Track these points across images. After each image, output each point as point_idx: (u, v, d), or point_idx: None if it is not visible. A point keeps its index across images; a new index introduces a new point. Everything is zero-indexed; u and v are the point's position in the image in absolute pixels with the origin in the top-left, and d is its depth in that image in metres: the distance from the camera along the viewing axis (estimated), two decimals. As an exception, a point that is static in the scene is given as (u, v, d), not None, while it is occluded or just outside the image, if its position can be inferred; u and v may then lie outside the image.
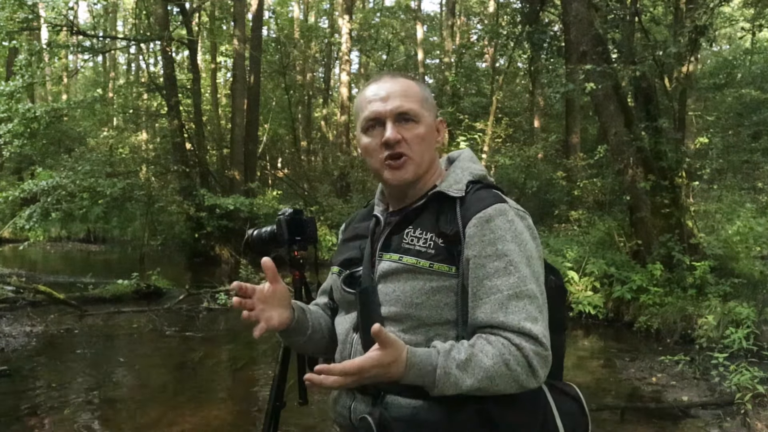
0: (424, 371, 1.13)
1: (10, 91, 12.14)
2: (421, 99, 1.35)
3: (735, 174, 13.75)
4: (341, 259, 1.43)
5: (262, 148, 20.55)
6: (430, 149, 1.35)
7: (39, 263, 15.92)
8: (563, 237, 10.51)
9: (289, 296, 1.39)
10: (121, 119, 22.99)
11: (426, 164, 1.34)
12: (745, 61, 19.76)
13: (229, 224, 14.51)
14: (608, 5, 8.40)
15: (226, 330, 7.97)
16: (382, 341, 1.10)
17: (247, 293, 1.29)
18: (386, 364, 1.11)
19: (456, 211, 1.26)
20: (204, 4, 18.67)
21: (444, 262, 1.23)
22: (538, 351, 1.16)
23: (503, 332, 1.16)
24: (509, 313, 1.17)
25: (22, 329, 7.32)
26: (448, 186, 1.31)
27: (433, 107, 1.39)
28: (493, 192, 1.30)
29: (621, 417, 4.63)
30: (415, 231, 1.28)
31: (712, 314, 6.70)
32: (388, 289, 1.26)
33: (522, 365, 1.14)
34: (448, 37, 21.24)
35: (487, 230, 1.22)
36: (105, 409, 4.82)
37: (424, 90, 1.38)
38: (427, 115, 1.34)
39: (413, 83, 1.37)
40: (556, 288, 1.38)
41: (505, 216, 1.24)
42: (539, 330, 1.16)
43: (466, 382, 1.13)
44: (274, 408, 2.05)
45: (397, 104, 1.31)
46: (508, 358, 1.14)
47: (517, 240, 1.23)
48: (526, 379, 1.15)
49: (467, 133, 15.30)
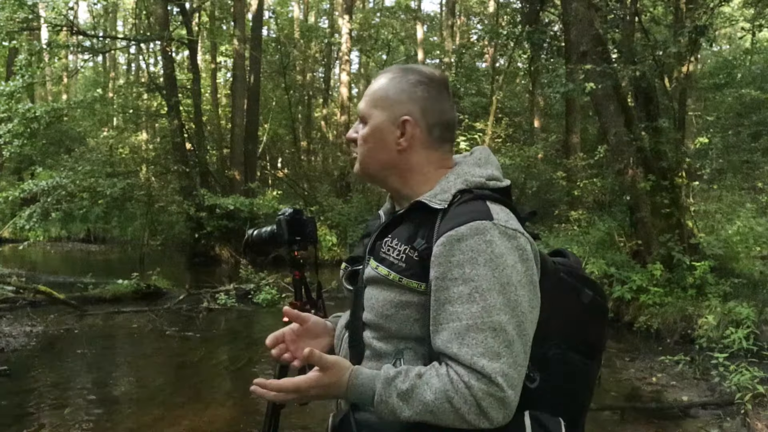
0: (364, 396, 1.12)
1: (10, 91, 12.13)
2: (374, 98, 1.28)
3: (735, 174, 13.73)
4: (350, 257, 1.42)
5: (262, 148, 20.55)
6: (375, 150, 1.27)
7: (39, 263, 15.91)
8: (563, 237, 10.50)
9: (324, 324, 1.41)
10: (121, 119, 22.98)
11: (369, 163, 1.29)
12: (745, 61, 19.75)
13: (229, 224, 14.51)
14: (608, 5, 8.41)
15: (226, 330, 7.98)
16: (320, 365, 1.12)
17: (278, 341, 1.34)
18: (325, 385, 1.13)
19: (435, 225, 1.16)
20: (204, 4, 18.67)
21: (413, 277, 1.16)
22: (491, 392, 1.05)
23: (455, 365, 1.07)
24: (463, 346, 1.07)
25: (22, 329, 7.32)
26: (433, 195, 1.21)
27: (396, 105, 1.26)
28: (480, 205, 1.16)
29: (621, 417, 4.64)
30: (392, 241, 1.21)
31: (712, 314, 6.70)
32: (369, 294, 1.23)
33: (469, 404, 1.05)
34: (448, 37, 21.26)
35: (456, 251, 1.10)
36: (105, 409, 4.82)
37: (390, 86, 1.27)
38: (376, 113, 1.27)
39: (382, 80, 1.29)
40: (592, 304, 1.25)
41: (481, 236, 1.10)
42: (497, 368, 1.05)
43: (404, 412, 1.09)
44: (274, 408, 2.05)
45: (359, 105, 1.32)
46: (452, 395, 1.06)
47: (492, 264, 1.09)
48: (476, 419, 1.06)
49: (467, 133, 15.32)
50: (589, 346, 1.24)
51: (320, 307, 2.21)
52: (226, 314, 8.74)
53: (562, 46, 10.69)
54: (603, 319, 1.30)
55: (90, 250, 19.30)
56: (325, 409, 3.56)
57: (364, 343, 1.24)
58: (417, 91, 1.26)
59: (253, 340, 7.27)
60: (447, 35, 21.49)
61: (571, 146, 14.77)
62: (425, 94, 1.27)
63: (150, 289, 9.70)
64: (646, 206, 8.03)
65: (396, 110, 1.26)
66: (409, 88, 1.27)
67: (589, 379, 1.24)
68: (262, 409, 2.17)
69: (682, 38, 7.98)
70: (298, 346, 1.34)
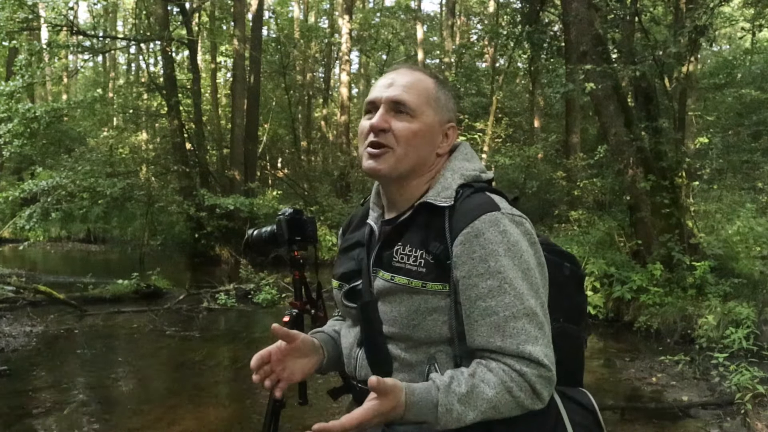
0: (425, 410, 1.08)
1: (10, 91, 12.13)
2: (427, 95, 1.26)
3: (735, 174, 13.73)
4: (340, 273, 1.36)
5: (262, 148, 20.55)
6: (421, 149, 1.24)
7: (39, 263, 15.91)
8: (563, 237, 10.49)
9: (312, 342, 1.35)
10: (121, 119, 22.98)
11: (408, 164, 1.23)
12: (745, 61, 19.74)
13: (229, 224, 14.51)
14: (608, 5, 8.40)
15: (226, 330, 7.98)
16: (380, 391, 1.05)
17: (264, 361, 1.27)
18: (386, 412, 1.07)
19: (444, 223, 1.17)
20: (204, 4, 18.67)
21: (437, 280, 1.16)
22: (541, 374, 1.10)
23: (502, 357, 1.11)
24: (507, 337, 1.10)
25: (22, 329, 7.32)
26: (436, 194, 1.22)
27: (445, 109, 1.29)
28: (485, 197, 1.19)
29: (621, 417, 4.64)
30: (404, 248, 1.20)
31: (712, 314, 6.69)
32: (386, 308, 1.21)
33: (525, 391, 1.09)
34: (448, 37, 21.26)
35: (477, 246, 1.13)
36: (105, 409, 4.82)
37: (439, 89, 1.28)
38: (429, 113, 1.25)
39: (427, 79, 1.28)
40: (572, 275, 1.33)
41: (496, 227, 1.14)
42: (540, 351, 1.10)
43: (469, 415, 1.08)
44: (274, 408, 2.05)
45: (395, 93, 1.23)
46: (511, 385, 1.09)
47: (511, 253, 1.13)
48: (531, 403, 1.10)
49: (467, 133, 15.32)
50: (577, 314, 1.32)
51: (320, 307, 2.21)
52: (226, 314, 8.74)
53: (562, 46, 10.69)
54: (582, 286, 1.40)
55: (90, 250, 19.29)
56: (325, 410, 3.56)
57: (390, 356, 1.21)
58: (455, 103, 1.34)
59: (253, 340, 7.27)
60: (447, 35, 21.48)
61: (571, 146, 14.77)
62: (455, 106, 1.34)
63: (150, 289, 9.70)
64: (646, 206, 8.03)
65: (445, 115, 1.29)
66: (453, 98, 1.33)
67: (581, 346, 1.34)
68: (262, 409, 2.17)
69: (682, 38, 7.98)
70: (285, 365, 1.29)
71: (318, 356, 1.35)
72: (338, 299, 1.36)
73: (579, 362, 1.31)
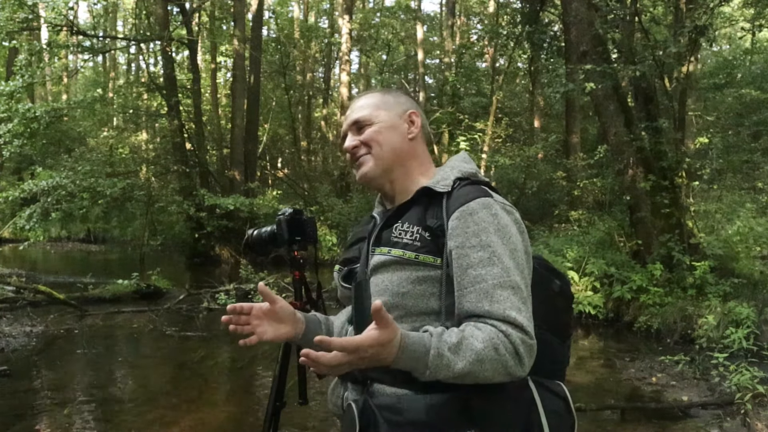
0: (417, 353, 1.13)
1: (10, 91, 12.13)
2: (375, 104, 1.43)
3: (735, 174, 13.74)
4: (342, 259, 1.49)
5: (262, 148, 20.55)
6: (391, 140, 1.40)
7: (39, 263, 15.92)
8: (563, 237, 10.48)
9: (292, 312, 1.42)
10: (121, 119, 23.00)
11: (387, 154, 1.40)
12: (745, 61, 19.75)
13: (229, 224, 14.52)
14: (608, 5, 8.40)
15: (226, 330, 7.93)
16: (381, 319, 1.08)
17: (243, 311, 1.36)
18: (383, 344, 1.10)
19: (442, 205, 1.30)
20: (204, 4, 18.66)
21: (429, 253, 1.26)
22: (524, 339, 1.17)
23: (489, 320, 1.18)
24: (494, 302, 1.18)
25: (22, 329, 7.32)
26: (435, 182, 1.35)
27: (396, 104, 1.45)
28: (480, 187, 1.32)
29: (621, 417, 4.63)
30: (403, 225, 1.32)
31: (712, 314, 6.69)
32: (378, 280, 1.30)
33: (510, 351, 1.15)
34: (448, 37, 21.25)
35: (470, 222, 1.24)
36: (105, 409, 4.82)
37: (384, 95, 1.46)
38: (382, 113, 1.42)
39: (373, 95, 1.47)
40: (561, 293, 1.40)
41: (489, 209, 1.26)
42: (524, 319, 1.18)
43: (458, 364, 1.13)
44: (274, 408, 2.05)
45: (351, 118, 1.43)
46: (497, 342, 1.15)
47: (501, 233, 1.24)
48: (514, 366, 1.16)
49: (467, 133, 15.30)
50: (562, 330, 1.39)
51: (320, 307, 2.21)
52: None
53: (562, 46, 10.68)
54: (570, 306, 1.47)
55: (90, 250, 19.30)
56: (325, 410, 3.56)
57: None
58: (408, 98, 1.50)
59: (253, 340, 7.26)
60: (447, 35, 21.48)
61: (571, 146, 14.78)
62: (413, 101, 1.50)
63: (150, 289, 9.71)
64: (646, 206, 8.03)
65: (400, 108, 1.45)
66: (403, 94, 1.50)
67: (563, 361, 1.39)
68: (262, 409, 2.17)
69: (682, 38, 7.98)
70: (261, 323, 1.37)
71: (295, 327, 1.42)
72: (337, 282, 1.47)
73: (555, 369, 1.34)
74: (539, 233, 11.12)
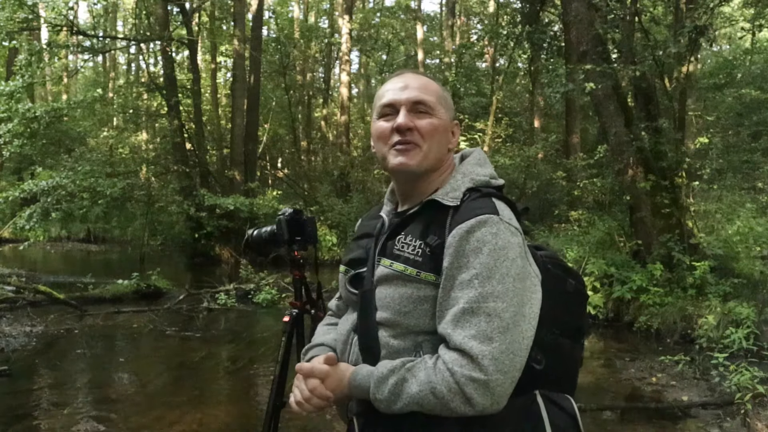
0: (363, 393, 1.21)
1: (10, 91, 12.12)
2: (438, 95, 1.35)
3: (735, 174, 13.72)
4: (348, 259, 1.44)
5: (262, 148, 20.55)
6: (440, 145, 1.33)
7: (39, 263, 15.91)
8: (563, 237, 10.48)
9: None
10: (121, 119, 22.96)
11: (432, 158, 1.32)
12: (745, 61, 19.74)
13: (229, 224, 14.51)
14: (608, 5, 8.40)
15: (226, 330, 7.97)
16: (317, 376, 1.28)
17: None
18: (332, 389, 1.26)
19: (446, 221, 1.23)
20: (204, 4, 18.66)
21: (430, 270, 1.20)
22: (473, 377, 1.09)
23: (444, 351, 1.14)
24: (457, 328, 1.12)
25: (22, 329, 7.32)
26: (445, 194, 1.28)
27: (451, 108, 1.39)
28: (489, 201, 1.23)
29: (621, 417, 4.64)
30: (406, 237, 1.27)
31: (712, 314, 6.69)
32: (381, 294, 1.26)
33: (453, 392, 1.10)
34: (448, 37, 21.28)
35: (464, 241, 1.17)
36: (105, 409, 4.82)
37: (443, 91, 1.39)
38: (442, 111, 1.35)
39: (433, 82, 1.38)
40: (576, 293, 1.34)
41: (488, 228, 1.17)
42: (486, 351, 1.09)
43: (396, 405, 1.16)
44: (274, 408, 2.05)
45: (414, 94, 1.32)
46: (435, 385, 1.11)
47: (495, 254, 1.15)
48: (460, 406, 1.10)
49: (467, 133, 15.31)
50: (575, 331, 1.33)
51: (320, 306, 2.21)
52: (226, 314, 8.74)
53: (562, 46, 10.69)
54: (584, 305, 1.42)
55: (90, 250, 19.29)
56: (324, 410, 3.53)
57: (379, 343, 1.25)
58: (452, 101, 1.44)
59: (253, 340, 7.27)
60: (447, 35, 21.50)
61: (571, 146, 14.77)
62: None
63: (150, 289, 9.70)
64: (646, 206, 8.02)
65: (452, 113, 1.40)
66: (449, 97, 1.43)
67: (576, 362, 1.34)
68: (262, 409, 2.17)
69: (682, 38, 7.97)
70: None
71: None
72: (342, 284, 1.44)
73: (568, 373, 1.31)
74: (539, 233, 11.11)
